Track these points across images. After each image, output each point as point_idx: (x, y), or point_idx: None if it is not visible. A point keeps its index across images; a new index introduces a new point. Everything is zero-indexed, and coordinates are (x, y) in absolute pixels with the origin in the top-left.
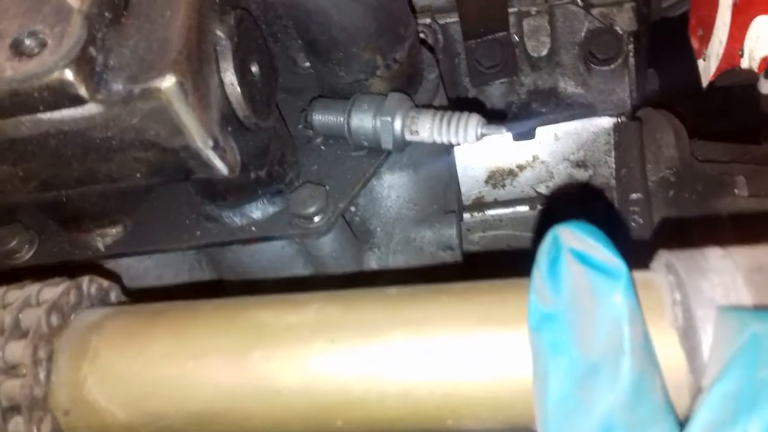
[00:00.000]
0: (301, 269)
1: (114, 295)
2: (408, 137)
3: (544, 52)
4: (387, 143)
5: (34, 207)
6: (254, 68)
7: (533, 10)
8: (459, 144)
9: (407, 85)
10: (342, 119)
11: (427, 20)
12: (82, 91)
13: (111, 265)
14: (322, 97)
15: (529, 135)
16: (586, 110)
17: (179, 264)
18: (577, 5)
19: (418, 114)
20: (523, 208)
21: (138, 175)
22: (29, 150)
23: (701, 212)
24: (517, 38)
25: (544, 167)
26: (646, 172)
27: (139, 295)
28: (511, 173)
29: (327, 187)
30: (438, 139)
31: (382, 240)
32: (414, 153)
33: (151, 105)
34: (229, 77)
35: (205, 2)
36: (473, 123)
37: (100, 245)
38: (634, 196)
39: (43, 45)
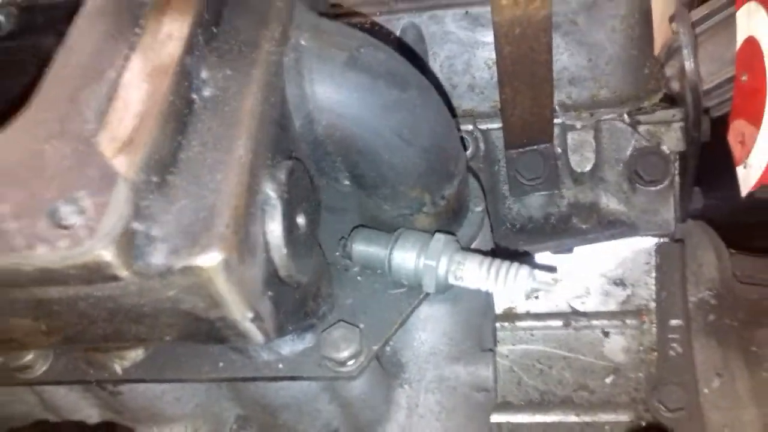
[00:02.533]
0: (326, 405)
1: None
2: (451, 282)
3: (588, 168)
4: (429, 287)
5: None
6: (301, 220)
7: (579, 124)
8: (506, 297)
9: (453, 219)
10: (383, 254)
11: (469, 126)
12: (120, 270)
13: (126, 387)
14: (363, 227)
15: (567, 248)
16: (628, 229)
17: (197, 385)
18: (624, 122)
19: (464, 259)
20: (556, 323)
21: (167, 338)
22: (54, 309)
23: (741, 342)
24: (560, 151)
25: (581, 282)
26: (687, 298)
27: None
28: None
29: (361, 326)
30: (483, 288)
31: (414, 376)
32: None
33: (191, 281)
34: (275, 238)
35: (258, 160)
36: (523, 275)
37: (118, 368)
38: (673, 322)
39: (81, 213)
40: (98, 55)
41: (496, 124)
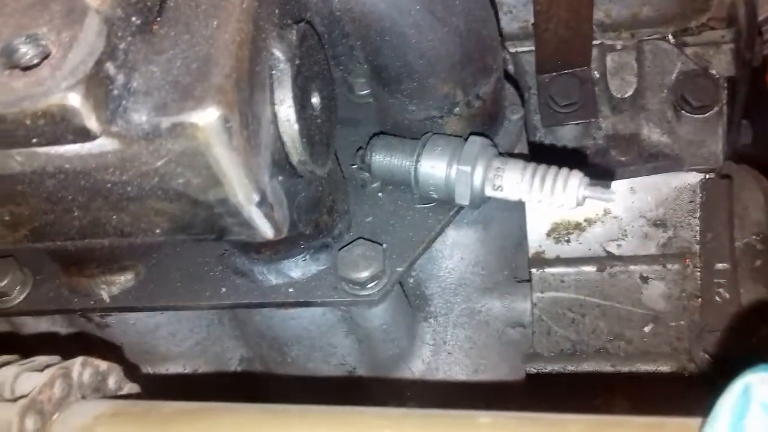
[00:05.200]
0: (342, 339)
1: (113, 381)
2: (489, 193)
3: (629, 93)
4: (462, 198)
5: None
6: (315, 99)
7: (619, 44)
8: (553, 206)
9: (487, 127)
10: (408, 163)
11: None
12: (92, 122)
13: (115, 317)
14: (383, 135)
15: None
16: (671, 163)
17: (197, 320)
18: (669, 43)
19: (503, 165)
20: (590, 269)
21: (157, 230)
22: (18, 190)
23: None
24: (598, 75)
25: (617, 223)
26: (734, 240)
27: (145, 382)
28: (578, 227)
29: (384, 246)
30: (526, 199)
31: (441, 309)
32: (485, 207)
33: (183, 146)
34: (286, 111)
35: (262, 11)
36: (574, 183)
37: (105, 295)
38: (720, 266)
39: (44, 55)
40: None
41: (527, 47)
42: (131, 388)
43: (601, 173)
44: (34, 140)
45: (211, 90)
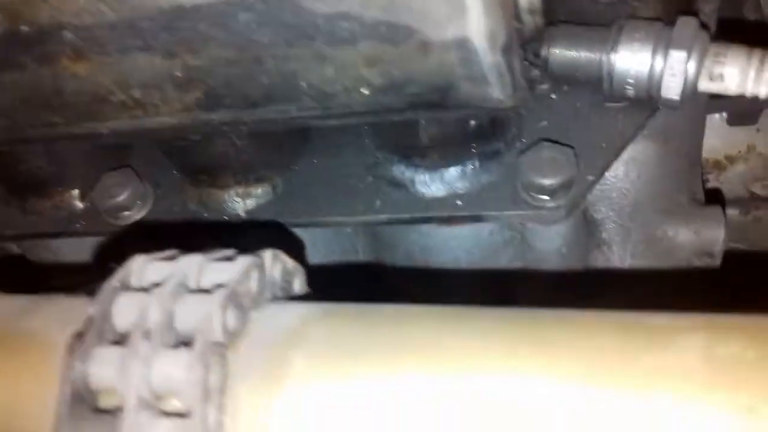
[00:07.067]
0: (505, 265)
1: (298, 284)
2: (705, 85)
3: None
4: (672, 91)
5: (152, 147)
6: None
7: None
8: None
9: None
10: (600, 54)
11: None
12: None
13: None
14: (562, 23)
15: (749, 117)
16: None
17: (329, 244)
18: None
19: (724, 51)
20: (732, 212)
21: (365, 91)
22: (198, 31)
23: None
24: None
25: (763, 162)
26: None
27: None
28: (718, 165)
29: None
30: (752, 91)
31: (615, 236)
32: (667, 116)
33: None
34: None
35: None
36: None
37: (240, 209)
38: None
39: None
40: None
41: None
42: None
43: None
44: None
45: None
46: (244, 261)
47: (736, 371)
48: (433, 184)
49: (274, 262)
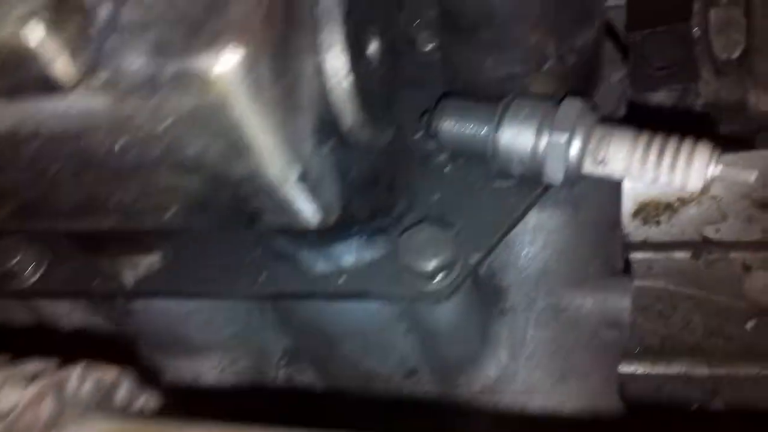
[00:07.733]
0: (401, 337)
1: (123, 393)
2: (588, 168)
3: (735, 54)
4: (554, 174)
5: None
6: (373, 47)
7: None
8: (673, 188)
9: (582, 88)
10: (486, 131)
11: None
12: (60, 69)
13: (141, 304)
14: (454, 96)
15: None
16: None
17: (235, 309)
18: None
19: (609, 135)
20: (683, 255)
21: (169, 212)
22: None
23: None
24: (699, 32)
25: (716, 204)
26: None
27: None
28: (669, 208)
29: (455, 230)
30: (636, 177)
31: (520, 304)
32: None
33: (194, 101)
34: (334, 60)
35: None
36: (702, 158)
37: (129, 278)
38: None
39: None
40: None
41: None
42: (147, 399)
43: None
44: None
45: (231, 24)
46: (38, 384)
47: None
48: (318, 260)
49: (84, 378)
